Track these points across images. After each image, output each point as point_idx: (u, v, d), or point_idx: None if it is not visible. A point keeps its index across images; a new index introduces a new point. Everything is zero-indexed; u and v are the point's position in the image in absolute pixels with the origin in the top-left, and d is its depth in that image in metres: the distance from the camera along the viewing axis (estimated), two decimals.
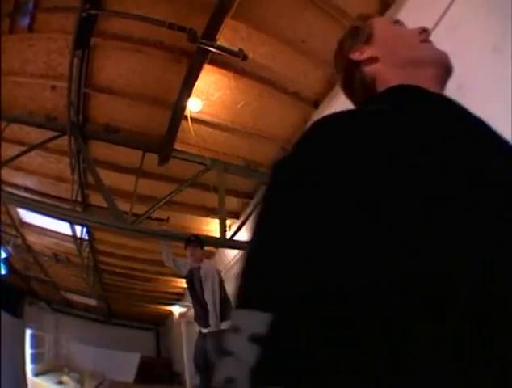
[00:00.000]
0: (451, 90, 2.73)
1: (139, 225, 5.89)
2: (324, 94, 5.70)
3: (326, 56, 5.11)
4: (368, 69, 1.00)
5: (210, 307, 5.17)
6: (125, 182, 6.84)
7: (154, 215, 6.57)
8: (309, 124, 2.31)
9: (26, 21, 4.78)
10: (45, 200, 7.41)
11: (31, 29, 4.86)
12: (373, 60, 1.00)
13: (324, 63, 5.23)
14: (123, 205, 6.02)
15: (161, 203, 6.33)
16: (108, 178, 6.26)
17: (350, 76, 1.06)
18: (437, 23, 3.74)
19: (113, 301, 16.34)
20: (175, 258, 5.78)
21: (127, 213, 5.87)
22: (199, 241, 5.60)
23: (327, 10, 4.59)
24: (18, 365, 11.90)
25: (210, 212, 7.87)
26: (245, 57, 4.59)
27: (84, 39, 4.55)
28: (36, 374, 11.52)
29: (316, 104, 5.88)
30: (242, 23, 4.64)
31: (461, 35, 3.68)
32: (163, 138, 5.95)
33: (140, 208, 6.11)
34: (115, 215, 5.72)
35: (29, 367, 11.39)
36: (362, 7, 4.64)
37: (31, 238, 10.92)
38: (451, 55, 2.61)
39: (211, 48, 4.42)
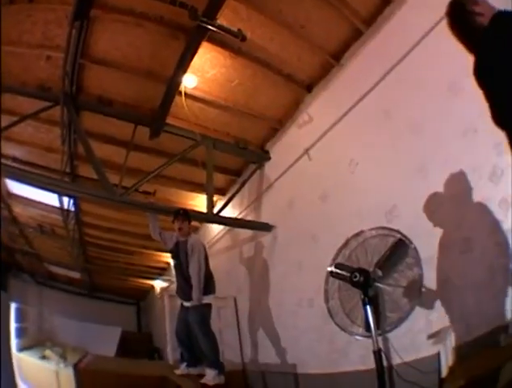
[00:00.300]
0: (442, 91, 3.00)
1: (127, 198, 6.01)
2: (317, 78, 5.88)
3: (323, 42, 5.33)
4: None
5: (194, 281, 5.31)
6: (115, 154, 6.93)
7: (141, 188, 6.67)
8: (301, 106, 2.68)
9: None
10: (34, 170, 7.34)
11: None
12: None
13: (320, 49, 5.42)
14: (112, 177, 6.09)
15: (150, 176, 6.43)
16: (99, 149, 6.30)
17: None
18: (439, 22, 3.94)
19: (96, 274, 16.52)
20: (162, 231, 5.88)
21: (116, 186, 5.97)
22: (187, 215, 5.72)
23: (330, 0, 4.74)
24: (3, 340, 12.04)
25: (197, 187, 8.02)
26: (243, 38, 4.72)
27: (84, 10, 4.53)
28: (21, 349, 11.53)
29: (309, 88, 6.05)
30: (242, 4, 4.74)
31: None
32: (155, 112, 6.04)
33: (128, 181, 6.22)
34: (104, 187, 5.83)
35: (13, 341, 11.43)
36: (364, 1, 4.84)
37: (18, 210, 10.91)
38: (450, 52, 2.87)
39: (211, 27, 4.52)
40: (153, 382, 7.09)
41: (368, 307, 3.20)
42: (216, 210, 6.85)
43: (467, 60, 2.30)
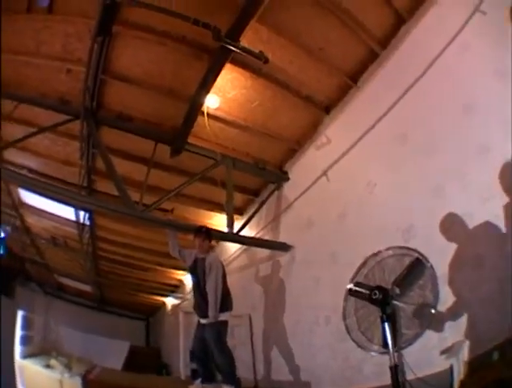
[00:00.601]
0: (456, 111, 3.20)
1: (148, 214, 6.20)
2: (335, 100, 6.11)
3: (340, 63, 5.55)
4: None
5: (210, 299, 5.44)
6: (134, 170, 7.19)
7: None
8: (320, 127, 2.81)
9: (46, 1, 4.93)
10: (50, 182, 7.51)
11: (50, 10, 5.02)
12: None
13: (338, 70, 5.66)
14: (131, 194, 6.25)
15: (171, 194, 6.63)
16: (118, 165, 6.45)
17: None
18: (449, 43, 4.12)
19: (107, 288, 16.68)
20: (181, 248, 6.02)
21: (137, 203, 6.16)
22: (209, 233, 5.88)
23: (345, 21, 4.98)
24: (7, 346, 12.19)
25: (215, 206, 8.22)
26: (266, 61, 4.93)
27: (106, 25, 4.76)
28: (25, 356, 11.67)
29: (327, 110, 6.27)
30: (264, 26, 4.97)
31: (472, 55, 4.06)
32: (176, 130, 6.26)
33: (147, 198, 6.40)
34: (125, 203, 6.02)
35: (18, 349, 11.56)
36: (378, 21, 5.04)
37: (30, 220, 11.17)
38: (460, 74, 3.09)
39: (235, 49, 4.72)
40: None
41: (386, 324, 3.31)
42: (235, 229, 6.97)
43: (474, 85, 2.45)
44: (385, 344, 3.30)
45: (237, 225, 7.18)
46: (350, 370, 5.02)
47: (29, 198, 9.64)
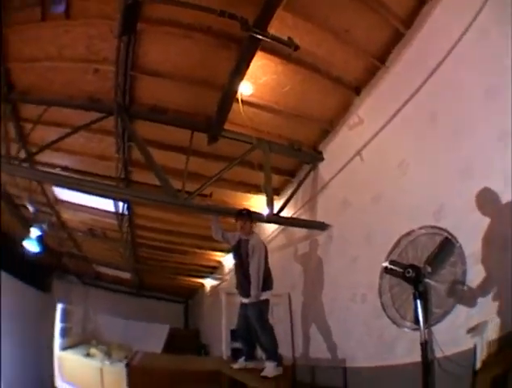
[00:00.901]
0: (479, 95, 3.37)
1: (191, 202, 6.59)
2: (365, 81, 6.25)
3: (367, 45, 5.68)
4: None
5: (253, 279, 5.77)
6: (169, 159, 7.57)
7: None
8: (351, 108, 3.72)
9: (61, 8, 5.21)
10: (87, 177, 8.11)
11: (68, 16, 5.33)
12: None
13: (365, 52, 5.80)
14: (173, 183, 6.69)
15: (213, 180, 7.01)
16: (155, 155, 6.79)
17: None
18: (471, 24, 4.21)
19: (145, 273, 17.39)
20: (224, 232, 6.35)
21: (179, 190, 6.54)
22: (250, 215, 6.17)
23: (370, 4, 5.10)
24: (45, 340, 12.88)
25: (252, 188, 8.50)
26: (296, 48, 5.09)
27: (130, 24, 5.00)
28: (64, 348, 12.11)
29: (357, 90, 6.41)
30: (289, 13, 5.11)
31: (492, 38, 4.13)
32: (211, 118, 6.56)
33: (187, 185, 6.75)
34: (167, 192, 6.43)
35: (58, 341, 12.06)
36: (401, 2, 5.13)
37: (66, 215, 11.88)
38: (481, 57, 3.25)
39: (264, 38, 4.90)
40: (207, 377, 7.62)
41: (418, 301, 3.53)
42: (274, 211, 7.25)
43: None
44: (416, 321, 3.52)
45: (276, 206, 7.45)
46: (383, 347, 5.26)
47: (64, 194, 10.25)
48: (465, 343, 3.75)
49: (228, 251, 10.43)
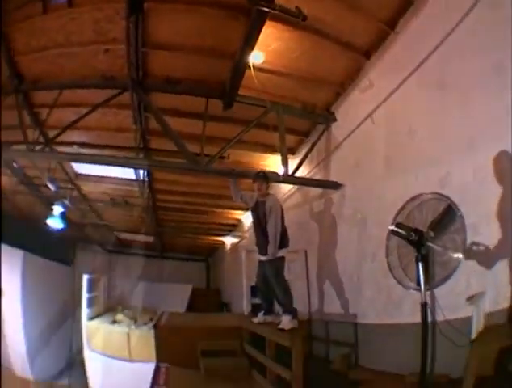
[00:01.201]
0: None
1: (211, 166, 6.95)
2: (375, 45, 6.34)
3: (376, 11, 5.74)
4: None
5: (271, 238, 6.10)
6: (186, 124, 7.82)
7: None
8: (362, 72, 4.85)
9: None
10: (106, 151, 8.71)
11: (70, 4, 5.58)
12: None
13: (374, 18, 5.85)
14: (188, 146, 7.04)
15: (232, 143, 7.30)
16: (172, 123, 7.14)
17: None
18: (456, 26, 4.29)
19: (167, 235, 17.98)
20: (242, 193, 6.64)
21: (198, 155, 6.88)
22: (266, 177, 6.44)
23: None
24: (72, 312, 13.55)
25: (267, 148, 8.74)
26: (304, 18, 5.20)
27: (137, 5, 5.19)
28: (91, 318, 12.25)
29: (367, 55, 6.52)
30: None
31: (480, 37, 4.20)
32: (225, 85, 6.75)
33: (205, 149, 7.08)
34: (186, 157, 6.74)
35: (85, 311, 12.47)
36: None
37: (87, 188, 12.34)
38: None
39: (272, 11, 4.99)
40: (230, 332, 8.07)
41: (420, 264, 3.81)
42: (289, 171, 7.52)
43: None
44: (418, 282, 3.82)
45: (290, 165, 7.67)
46: (391, 305, 5.54)
47: (84, 169, 10.77)
48: (465, 311, 3.93)
49: (246, 209, 10.74)
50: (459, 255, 3.82)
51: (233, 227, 15.72)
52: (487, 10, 4.32)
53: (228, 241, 16.90)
